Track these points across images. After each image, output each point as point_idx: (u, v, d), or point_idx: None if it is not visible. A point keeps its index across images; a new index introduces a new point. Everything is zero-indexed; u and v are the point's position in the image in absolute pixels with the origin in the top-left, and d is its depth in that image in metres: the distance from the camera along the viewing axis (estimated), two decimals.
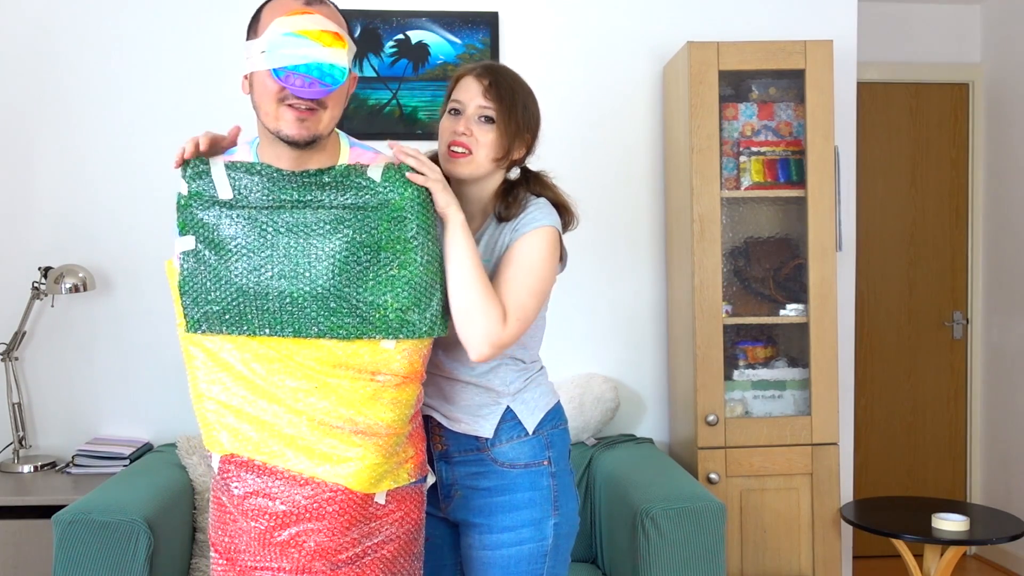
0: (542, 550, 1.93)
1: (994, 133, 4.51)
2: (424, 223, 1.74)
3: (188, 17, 3.35)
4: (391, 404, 1.74)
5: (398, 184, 1.73)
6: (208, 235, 1.73)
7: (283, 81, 1.64)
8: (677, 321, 3.35)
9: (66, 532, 2.43)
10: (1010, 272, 4.38)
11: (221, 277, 1.72)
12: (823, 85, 3.14)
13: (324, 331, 1.70)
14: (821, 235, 3.15)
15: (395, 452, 1.77)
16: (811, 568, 3.16)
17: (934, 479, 4.64)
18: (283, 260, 1.70)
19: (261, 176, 1.71)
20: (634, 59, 3.49)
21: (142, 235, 3.33)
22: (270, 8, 1.70)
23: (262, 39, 1.66)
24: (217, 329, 1.72)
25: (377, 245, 1.71)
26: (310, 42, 1.63)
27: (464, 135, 1.89)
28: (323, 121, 1.71)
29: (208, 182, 1.73)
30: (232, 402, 1.73)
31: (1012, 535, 3.05)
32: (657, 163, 3.50)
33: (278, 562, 1.72)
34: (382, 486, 1.75)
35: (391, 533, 1.77)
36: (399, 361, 1.74)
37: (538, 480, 1.94)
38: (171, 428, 3.30)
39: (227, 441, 1.74)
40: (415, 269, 1.73)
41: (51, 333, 3.32)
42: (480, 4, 3.44)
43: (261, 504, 1.72)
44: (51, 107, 3.31)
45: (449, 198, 1.78)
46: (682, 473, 2.91)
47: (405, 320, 1.72)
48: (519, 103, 1.92)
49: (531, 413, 1.95)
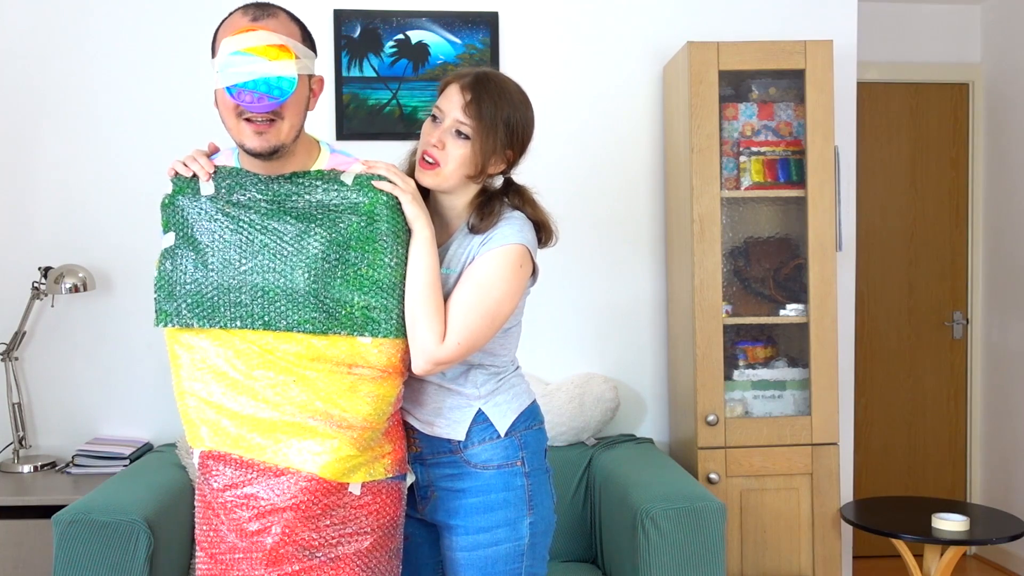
0: (519, 550, 1.94)
1: (994, 133, 4.51)
2: (393, 227, 1.82)
3: (188, 17, 3.34)
4: (368, 398, 1.79)
5: (368, 188, 1.81)
6: (187, 231, 1.81)
7: (235, 98, 1.72)
8: (677, 321, 3.35)
9: (66, 532, 2.43)
10: (1010, 272, 4.38)
11: (197, 272, 1.79)
12: (823, 85, 3.14)
13: (293, 325, 1.77)
14: (821, 235, 3.15)
15: (371, 446, 1.81)
16: (811, 568, 3.16)
17: (934, 479, 4.64)
18: (258, 256, 1.78)
19: (241, 177, 1.82)
20: (634, 59, 3.49)
21: (142, 235, 3.33)
22: (223, 28, 1.79)
23: (217, 59, 1.76)
24: (188, 323, 1.79)
25: (347, 244, 1.79)
26: (255, 58, 1.71)
27: (435, 147, 1.87)
28: (283, 131, 1.78)
29: (193, 182, 1.83)
30: (212, 398, 1.79)
31: (1012, 535, 3.05)
32: (657, 163, 3.50)
33: (254, 552, 1.76)
34: (356, 477, 1.79)
35: (367, 525, 1.81)
36: (376, 355, 1.80)
37: (512, 480, 1.94)
38: (171, 428, 3.30)
39: (207, 436, 1.80)
40: (382, 270, 1.80)
41: (51, 333, 3.32)
42: (480, 4, 3.44)
43: (238, 495, 1.77)
44: (51, 107, 3.31)
45: (418, 211, 1.83)
46: (682, 473, 2.91)
47: (370, 318, 1.79)
48: (500, 121, 1.86)
49: (503, 416, 1.95)
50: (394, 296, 1.80)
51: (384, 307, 1.79)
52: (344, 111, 3.37)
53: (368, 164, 1.85)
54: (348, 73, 3.37)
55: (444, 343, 1.80)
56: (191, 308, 1.78)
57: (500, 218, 1.90)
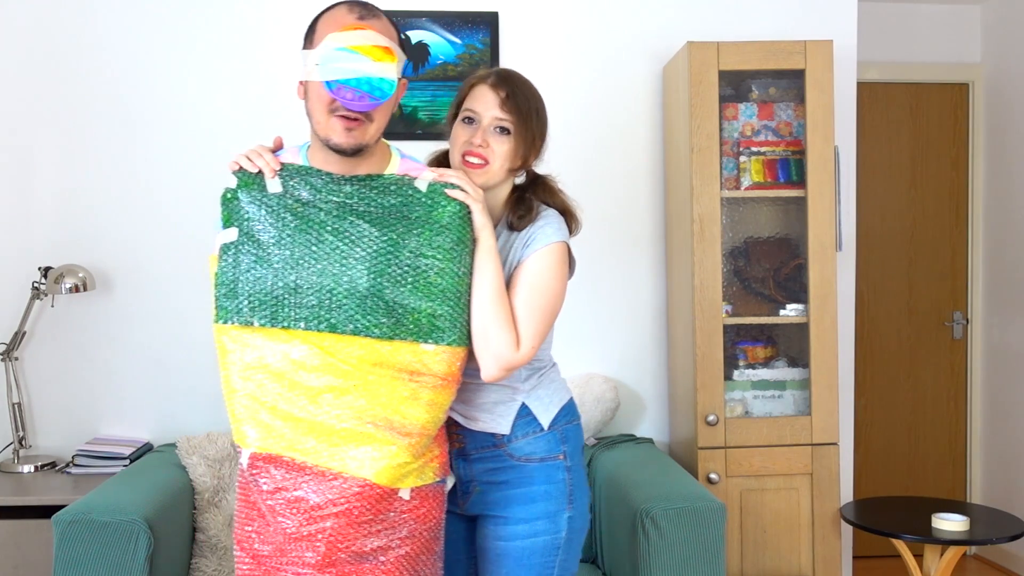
0: (556, 543, 1.97)
1: (994, 133, 4.51)
2: (464, 237, 1.82)
3: (188, 18, 3.34)
4: (427, 406, 1.79)
5: (442, 197, 1.82)
6: (251, 229, 1.78)
7: (335, 93, 1.73)
8: (677, 321, 3.35)
9: (66, 532, 2.43)
10: (1010, 272, 4.38)
11: (260, 269, 1.76)
12: (823, 85, 3.14)
13: (359, 329, 1.75)
14: (821, 235, 3.15)
15: (423, 452, 1.81)
16: (811, 568, 3.16)
17: (934, 479, 4.64)
18: (326, 258, 1.76)
19: (310, 177, 1.80)
20: (634, 59, 3.49)
21: (142, 235, 3.33)
22: (325, 21, 1.78)
23: (317, 51, 1.75)
24: (248, 321, 1.75)
25: (417, 251, 1.78)
26: (361, 57, 1.72)
27: (480, 146, 1.93)
28: (369, 131, 1.79)
29: (258, 178, 1.80)
30: (266, 398, 1.76)
31: (1012, 535, 3.05)
32: (657, 163, 3.50)
33: (304, 555, 1.74)
34: (407, 482, 1.79)
35: (414, 529, 1.80)
36: (438, 363, 1.79)
37: (554, 474, 1.98)
38: (171, 428, 3.30)
39: (257, 437, 1.77)
40: (451, 279, 1.80)
41: (51, 333, 3.32)
42: (480, 4, 3.44)
43: (288, 498, 1.75)
44: (51, 107, 3.31)
45: (486, 220, 1.86)
46: (682, 473, 2.91)
47: (435, 326, 1.78)
48: (533, 112, 1.97)
49: (546, 409, 2.00)
50: (459, 305, 1.81)
51: (450, 315, 1.79)
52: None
53: (440, 172, 1.86)
54: None
55: (520, 349, 1.86)
56: (253, 306, 1.75)
57: (538, 216, 1.96)
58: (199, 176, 3.32)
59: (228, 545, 2.87)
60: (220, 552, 2.87)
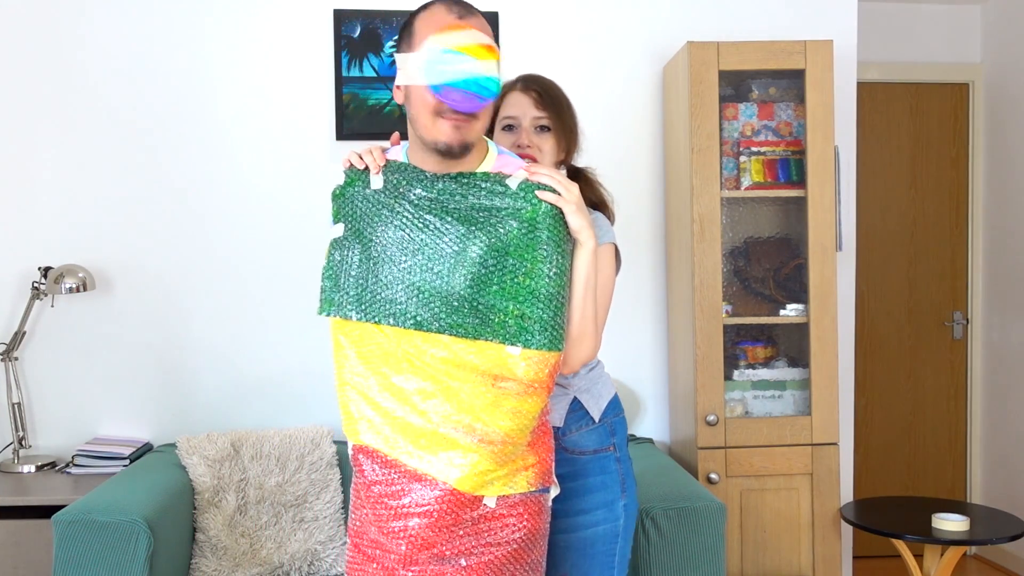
0: (615, 530, 2.02)
1: (994, 133, 4.51)
2: (555, 237, 1.76)
3: (188, 18, 3.35)
4: (511, 413, 1.75)
5: (532, 196, 1.77)
6: (356, 223, 1.81)
7: (442, 96, 1.69)
8: (677, 321, 3.35)
9: (66, 532, 2.43)
10: (1010, 272, 4.39)
11: (362, 264, 1.78)
12: (823, 85, 3.14)
13: (445, 327, 1.73)
14: (821, 235, 3.15)
15: (511, 460, 1.77)
16: (811, 568, 3.16)
17: (934, 479, 4.64)
18: (417, 254, 1.76)
19: (408, 173, 1.81)
20: (634, 59, 3.49)
21: (142, 235, 3.33)
22: (423, 22, 1.73)
23: (419, 54, 1.70)
24: (347, 314, 1.78)
25: (505, 250, 1.75)
26: (467, 57, 1.69)
27: (528, 147, 2.03)
28: (475, 129, 1.76)
29: (364, 174, 1.83)
30: (370, 393, 1.78)
31: (1012, 535, 3.05)
32: (657, 163, 3.50)
33: (391, 551, 1.77)
34: (492, 490, 1.76)
35: (501, 538, 1.77)
36: (523, 368, 1.74)
37: (606, 465, 2.04)
38: (171, 428, 3.31)
39: (364, 431, 1.79)
40: (540, 280, 1.74)
41: (51, 333, 3.32)
42: (480, 4, 3.40)
43: (383, 492, 1.77)
44: (51, 108, 3.31)
45: (583, 221, 1.79)
46: (682, 473, 2.91)
47: (523, 328, 1.73)
48: (565, 105, 2.09)
49: (596, 403, 2.06)
50: (550, 307, 1.75)
51: (539, 318, 1.74)
52: (344, 111, 3.37)
53: (531, 171, 1.80)
54: (348, 73, 3.37)
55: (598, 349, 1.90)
56: (352, 300, 1.77)
57: None
58: (199, 176, 3.32)
59: (228, 545, 2.87)
60: (220, 552, 2.87)
